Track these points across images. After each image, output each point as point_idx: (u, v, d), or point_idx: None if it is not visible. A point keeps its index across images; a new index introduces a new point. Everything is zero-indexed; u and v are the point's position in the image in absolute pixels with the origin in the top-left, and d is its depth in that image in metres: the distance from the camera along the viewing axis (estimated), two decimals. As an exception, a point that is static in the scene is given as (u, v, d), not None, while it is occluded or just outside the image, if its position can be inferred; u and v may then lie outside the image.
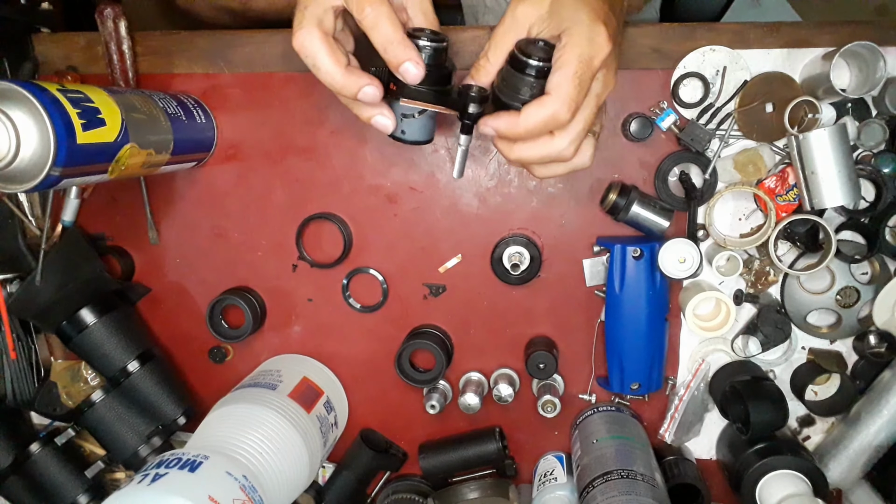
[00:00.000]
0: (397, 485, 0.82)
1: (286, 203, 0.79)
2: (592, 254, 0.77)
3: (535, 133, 0.54)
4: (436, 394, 0.80)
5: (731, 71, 0.72)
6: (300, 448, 0.70)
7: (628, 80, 0.73)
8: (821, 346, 0.78)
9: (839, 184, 0.67)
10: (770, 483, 0.70)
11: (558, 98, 0.51)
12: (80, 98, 0.55)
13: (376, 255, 0.80)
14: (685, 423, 0.79)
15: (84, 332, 0.74)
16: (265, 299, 0.82)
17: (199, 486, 0.57)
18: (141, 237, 0.80)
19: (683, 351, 0.79)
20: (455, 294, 0.80)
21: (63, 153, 0.51)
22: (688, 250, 0.71)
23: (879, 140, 0.71)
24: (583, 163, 0.57)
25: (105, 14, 0.72)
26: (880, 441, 0.73)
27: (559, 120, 0.52)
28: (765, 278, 0.76)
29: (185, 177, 0.79)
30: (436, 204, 0.78)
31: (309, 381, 0.78)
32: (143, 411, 0.77)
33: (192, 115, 0.73)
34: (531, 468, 0.83)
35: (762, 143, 0.73)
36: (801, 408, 0.78)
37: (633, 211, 0.72)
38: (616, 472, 0.67)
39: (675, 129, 0.73)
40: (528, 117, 0.53)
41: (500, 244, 0.77)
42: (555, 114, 0.52)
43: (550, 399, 0.77)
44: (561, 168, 0.58)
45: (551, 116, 0.52)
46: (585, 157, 0.57)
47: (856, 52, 0.67)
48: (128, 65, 0.74)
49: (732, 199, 0.75)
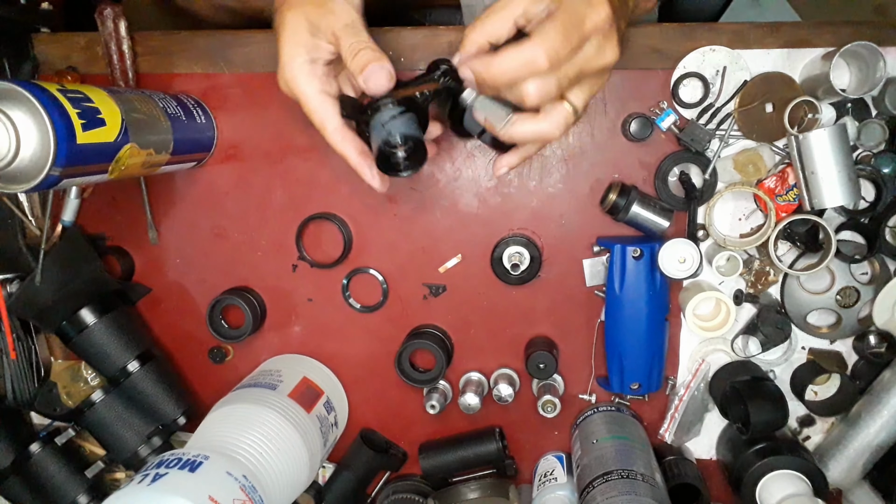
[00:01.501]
0: (397, 485, 0.82)
1: (286, 203, 0.79)
2: (592, 254, 0.77)
3: (510, 75, 0.51)
4: (436, 394, 0.80)
5: (730, 71, 0.72)
6: (300, 448, 0.70)
7: (628, 80, 0.73)
8: (821, 346, 0.78)
9: (839, 184, 0.67)
10: (770, 483, 0.70)
11: (539, 43, 0.49)
12: (80, 98, 0.55)
13: (376, 255, 0.80)
14: (685, 423, 0.79)
15: (84, 332, 0.74)
16: (265, 299, 0.82)
17: (199, 486, 0.57)
18: (141, 237, 0.80)
19: (683, 351, 0.79)
20: (455, 294, 0.80)
21: (63, 153, 0.51)
22: (688, 250, 0.71)
23: (879, 140, 0.71)
24: (549, 129, 0.54)
25: (105, 14, 0.72)
26: (880, 441, 0.73)
27: (536, 65, 0.50)
28: (765, 278, 0.76)
29: (185, 177, 0.79)
30: (436, 204, 0.78)
31: (309, 381, 0.78)
32: (143, 411, 0.77)
33: (191, 115, 0.72)
34: (531, 468, 0.83)
35: (762, 143, 0.73)
36: (801, 408, 0.78)
37: (633, 211, 0.72)
38: (616, 472, 0.67)
39: (675, 129, 0.73)
40: (505, 58, 0.51)
41: (500, 244, 0.77)
42: (532, 58, 0.50)
43: (550, 399, 0.77)
44: (527, 128, 0.55)
45: (529, 60, 0.50)
46: (553, 122, 0.54)
47: (856, 52, 0.67)
48: (128, 65, 0.74)
49: (732, 199, 0.75)
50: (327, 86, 0.59)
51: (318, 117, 0.58)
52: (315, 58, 0.58)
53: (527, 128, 0.55)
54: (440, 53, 0.74)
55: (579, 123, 0.75)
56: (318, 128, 0.59)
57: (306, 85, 0.57)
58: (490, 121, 0.56)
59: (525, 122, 0.55)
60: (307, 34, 0.57)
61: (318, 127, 0.59)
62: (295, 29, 0.57)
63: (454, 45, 0.73)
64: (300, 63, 0.57)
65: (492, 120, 0.56)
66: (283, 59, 0.57)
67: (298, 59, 0.57)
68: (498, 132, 0.56)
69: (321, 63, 0.58)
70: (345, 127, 0.59)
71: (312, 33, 0.57)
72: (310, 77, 0.57)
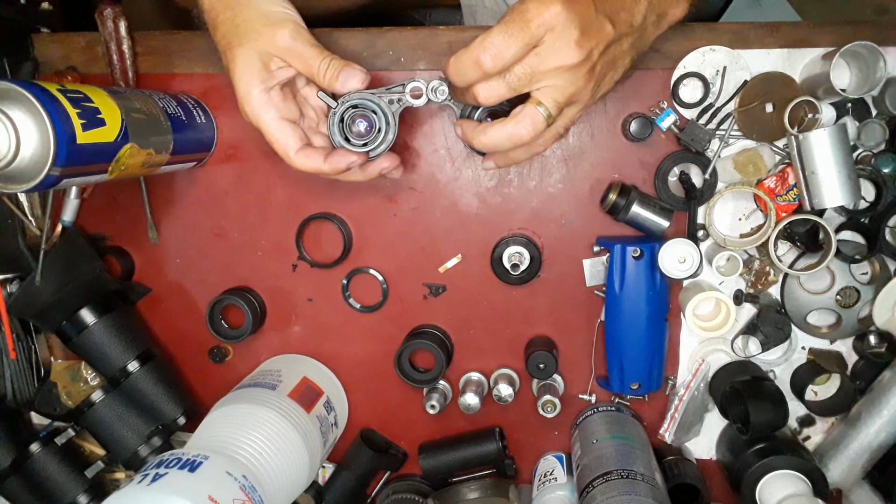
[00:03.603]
0: (397, 485, 0.82)
1: (286, 203, 0.79)
2: (592, 254, 0.77)
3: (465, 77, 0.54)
4: (436, 394, 0.80)
5: (731, 71, 0.72)
6: (300, 448, 0.70)
7: (628, 80, 0.73)
8: (821, 346, 0.78)
9: (839, 184, 0.67)
10: (770, 483, 0.70)
11: (480, 43, 0.52)
12: (80, 98, 0.55)
13: (376, 255, 0.80)
14: (685, 423, 0.79)
15: (84, 332, 0.74)
16: (265, 299, 0.82)
17: (199, 486, 0.57)
18: (141, 237, 0.80)
19: (683, 351, 0.79)
20: (455, 294, 0.80)
21: (63, 153, 0.51)
22: (688, 250, 0.71)
23: (879, 140, 0.71)
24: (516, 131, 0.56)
25: (105, 14, 0.72)
26: (880, 441, 0.73)
27: (482, 65, 0.52)
28: (765, 278, 0.76)
29: (185, 177, 0.79)
30: (436, 204, 0.78)
31: (309, 381, 0.78)
32: (143, 411, 0.77)
33: (192, 115, 0.72)
34: (531, 468, 0.83)
35: (762, 143, 0.73)
36: (801, 408, 0.78)
37: (633, 211, 0.72)
38: (616, 473, 0.67)
39: (675, 129, 0.73)
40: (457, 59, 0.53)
41: (500, 244, 0.77)
42: (477, 58, 0.52)
43: (550, 399, 0.77)
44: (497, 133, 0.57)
45: (474, 61, 0.52)
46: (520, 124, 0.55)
47: (856, 52, 0.67)
48: (128, 65, 0.74)
49: (732, 199, 0.75)
50: (286, 111, 0.62)
51: (280, 145, 0.61)
52: (270, 86, 0.60)
53: (496, 133, 0.57)
54: (440, 53, 0.74)
55: (579, 123, 0.75)
56: (282, 154, 0.61)
57: (265, 115, 0.60)
58: (464, 131, 0.59)
59: (495, 128, 0.57)
60: (258, 65, 0.59)
61: (281, 153, 0.61)
62: (247, 63, 0.59)
63: (454, 45, 0.73)
64: (256, 94, 0.60)
65: (466, 130, 0.59)
66: (240, 93, 0.60)
67: (254, 91, 0.60)
68: (472, 142, 0.58)
69: (277, 89, 0.61)
70: (305, 147, 0.61)
71: (264, 63, 0.59)
72: (267, 107, 0.60)
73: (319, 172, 0.61)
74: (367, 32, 0.74)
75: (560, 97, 0.55)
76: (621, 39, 0.56)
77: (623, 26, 0.56)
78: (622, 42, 0.57)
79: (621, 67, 0.59)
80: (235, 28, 0.59)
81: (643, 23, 0.58)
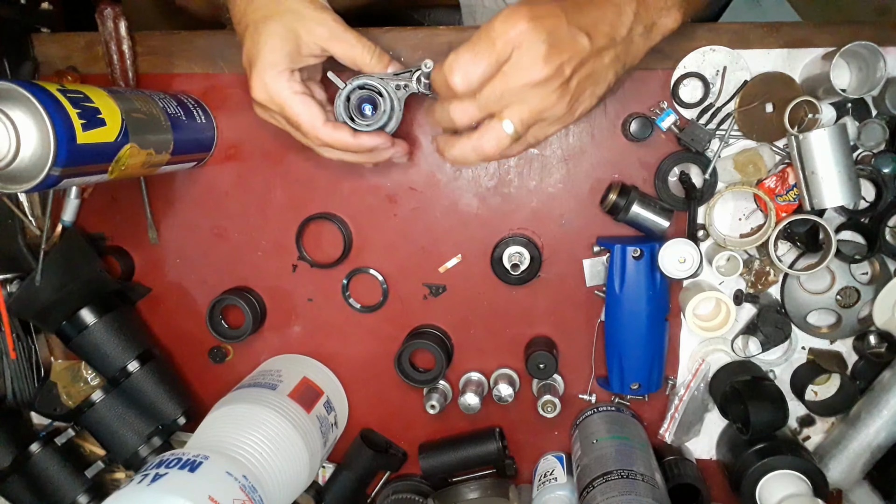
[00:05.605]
0: (397, 485, 0.82)
1: (286, 203, 0.79)
2: (592, 254, 0.77)
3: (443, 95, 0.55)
4: (436, 394, 0.80)
5: (731, 71, 0.72)
6: (300, 448, 0.70)
7: (628, 81, 0.73)
8: (821, 346, 0.78)
9: (839, 184, 0.67)
10: (770, 483, 0.70)
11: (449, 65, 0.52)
12: (80, 98, 0.55)
13: (376, 255, 0.80)
14: (685, 423, 0.79)
15: (84, 332, 0.74)
16: (265, 299, 0.82)
17: (199, 486, 0.57)
18: (141, 237, 0.80)
19: (683, 351, 0.79)
20: (455, 294, 0.80)
21: (63, 153, 0.51)
22: (688, 250, 0.71)
23: (879, 140, 0.71)
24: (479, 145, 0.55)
25: (105, 14, 0.72)
26: (880, 441, 0.73)
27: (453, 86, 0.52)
28: (765, 278, 0.76)
29: (185, 177, 0.79)
30: (436, 204, 0.78)
31: (309, 381, 0.78)
32: (143, 411, 0.77)
33: (192, 115, 0.73)
34: (531, 468, 0.83)
35: (762, 143, 0.73)
36: (801, 408, 0.78)
37: (633, 211, 0.72)
38: (616, 472, 0.67)
39: (675, 129, 0.73)
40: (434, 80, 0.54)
41: (500, 244, 0.77)
42: (446, 80, 0.52)
43: (550, 399, 0.77)
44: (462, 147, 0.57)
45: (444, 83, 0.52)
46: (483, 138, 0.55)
47: (856, 52, 0.67)
48: (128, 65, 0.74)
49: (732, 199, 0.75)
50: (306, 91, 0.62)
51: (306, 117, 0.60)
52: (294, 68, 0.61)
53: (463, 146, 0.56)
54: (440, 53, 0.74)
55: (579, 123, 0.75)
56: (307, 128, 0.61)
57: (286, 90, 0.60)
58: (437, 145, 0.59)
59: (462, 141, 0.56)
60: (292, 45, 0.59)
61: (307, 126, 0.61)
62: (281, 38, 0.59)
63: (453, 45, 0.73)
64: (280, 71, 0.60)
65: (438, 142, 0.59)
66: (261, 64, 0.59)
67: (279, 67, 0.59)
68: (443, 154, 0.58)
69: (297, 73, 0.62)
70: (332, 120, 0.62)
71: (297, 46, 0.59)
72: (290, 82, 0.60)
73: (344, 147, 0.62)
74: (366, 32, 0.74)
75: (526, 114, 0.53)
76: (601, 53, 0.54)
77: (603, 39, 0.53)
78: (602, 56, 0.54)
79: (604, 82, 0.56)
80: (277, 4, 0.59)
81: (628, 35, 0.55)
